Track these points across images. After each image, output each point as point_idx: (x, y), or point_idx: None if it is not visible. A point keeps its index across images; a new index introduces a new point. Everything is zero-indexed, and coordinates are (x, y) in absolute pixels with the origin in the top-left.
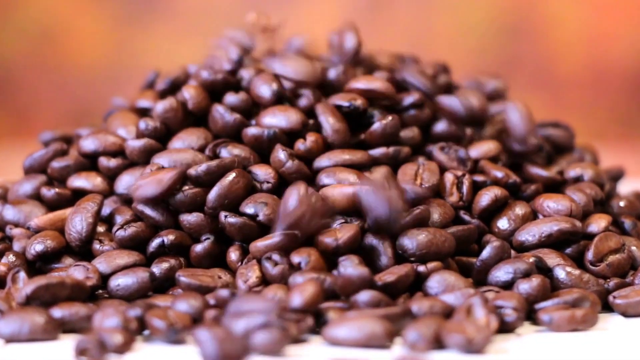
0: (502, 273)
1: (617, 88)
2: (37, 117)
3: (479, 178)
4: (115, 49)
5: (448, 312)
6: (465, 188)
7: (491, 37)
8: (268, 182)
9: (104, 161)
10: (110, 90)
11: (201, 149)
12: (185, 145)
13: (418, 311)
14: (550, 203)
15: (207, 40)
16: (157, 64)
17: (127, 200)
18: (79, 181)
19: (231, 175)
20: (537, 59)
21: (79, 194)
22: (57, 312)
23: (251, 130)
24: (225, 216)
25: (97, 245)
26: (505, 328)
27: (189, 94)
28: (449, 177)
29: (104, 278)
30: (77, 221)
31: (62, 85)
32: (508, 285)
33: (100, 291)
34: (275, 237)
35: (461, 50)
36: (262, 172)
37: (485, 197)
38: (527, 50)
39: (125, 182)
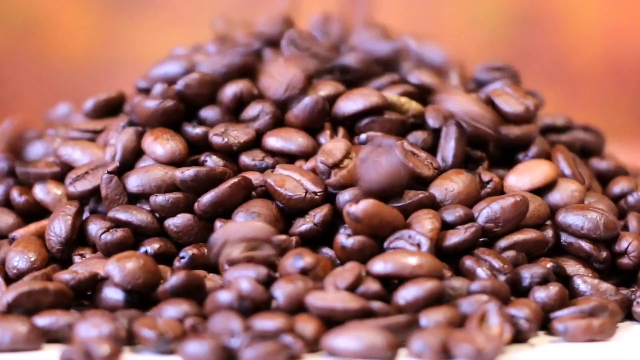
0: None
1: (636, 82)
2: (19, 112)
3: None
4: (102, 41)
5: (460, 321)
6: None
7: (502, 28)
8: (262, 187)
9: (71, 189)
10: (97, 84)
11: (171, 163)
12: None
13: (428, 320)
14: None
15: (198, 31)
16: (146, 56)
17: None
18: (39, 191)
19: (229, 183)
20: (551, 52)
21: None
22: (41, 320)
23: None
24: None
25: (77, 259)
26: (518, 338)
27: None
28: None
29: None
30: (56, 224)
31: (46, 78)
32: (524, 291)
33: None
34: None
35: (470, 43)
36: (254, 177)
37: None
38: (541, 42)
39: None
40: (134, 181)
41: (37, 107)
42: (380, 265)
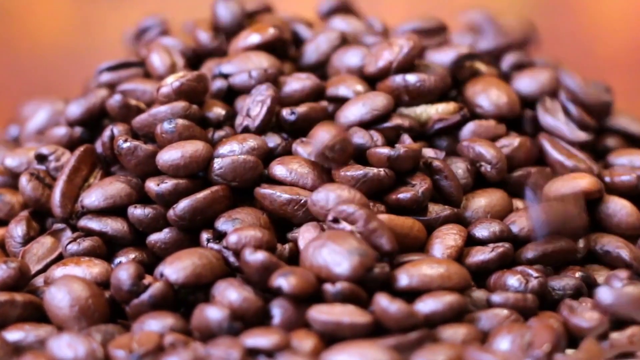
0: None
1: None
2: None
3: None
4: (80, 27)
5: (477, 338)
6: None
7: (526, 12)
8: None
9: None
10: (74, 74)
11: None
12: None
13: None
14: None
15: (173, 18)
16: (121, 44)
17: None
18: None
19: (208, 190)
20: (575, 37)
21: None
22: (11, 334)
23: None
24: (208, 240)
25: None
26: None
27: None
28: None
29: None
30: (13, 228)
31: (18, 67)
32: (554, 303)
33: None
34: None
35: None
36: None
37: None
38: (564, 25)
39: None
40: (97, 195)
41: (9, 97)
42: (404, 280)
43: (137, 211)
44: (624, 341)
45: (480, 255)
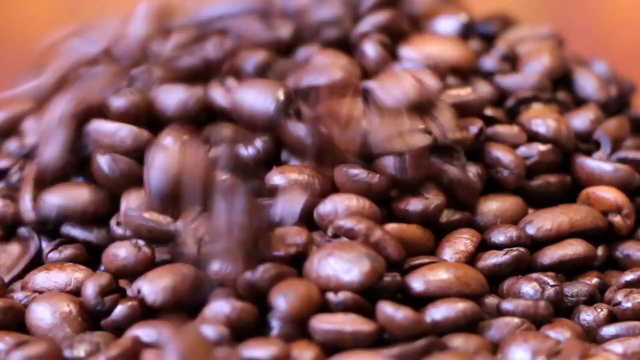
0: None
1: None
2: None
3: None
4: (69, 17)
5: (485, 348)
6: None
7: (541, 1)
8: None
9: None
10: None
11: None
12: None
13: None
14: None
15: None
16: None
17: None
18: None
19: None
20: (590, 29)
21: None
22: None
23: None
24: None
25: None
26: None
27: None
28: None
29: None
30: None
31: (3, 60)
32: (566, 311)
33: None
34: None
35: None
36: None
37: None
38: (579, 17)
39: None
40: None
41: None
42: (419, 284)
43: (120, 230)
44: None
45: (492, 258)
